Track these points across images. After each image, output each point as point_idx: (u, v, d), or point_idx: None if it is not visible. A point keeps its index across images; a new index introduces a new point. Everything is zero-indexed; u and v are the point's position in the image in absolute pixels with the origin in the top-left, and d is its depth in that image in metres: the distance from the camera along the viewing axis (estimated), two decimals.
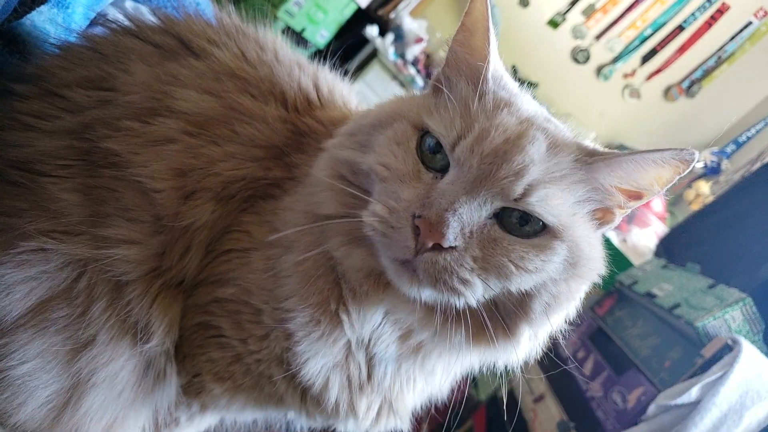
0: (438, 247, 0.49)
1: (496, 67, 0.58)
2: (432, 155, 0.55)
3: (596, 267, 0.58)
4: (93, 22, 0.73)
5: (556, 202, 0.52)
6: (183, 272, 0.63)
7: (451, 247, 0.50)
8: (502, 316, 0.56)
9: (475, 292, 0.52)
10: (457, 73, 0.59)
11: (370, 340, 0.61)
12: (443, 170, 0.54)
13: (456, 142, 0.53)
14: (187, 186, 0.61)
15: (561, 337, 0.62)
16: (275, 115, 0.67)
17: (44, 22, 0.66)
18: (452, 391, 0.73)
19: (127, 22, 0.69)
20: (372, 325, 0.60)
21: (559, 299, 0.56)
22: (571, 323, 0.63)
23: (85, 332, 0.57)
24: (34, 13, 0.63)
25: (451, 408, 0.73)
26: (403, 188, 0.53)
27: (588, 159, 0.55)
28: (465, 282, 0.51)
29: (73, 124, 0.61)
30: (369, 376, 0.64)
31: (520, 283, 0.52)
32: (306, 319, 0.59)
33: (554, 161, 0.53)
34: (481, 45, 0.57)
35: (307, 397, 0.64)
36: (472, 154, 0.51)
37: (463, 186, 0.51)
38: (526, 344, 0.60)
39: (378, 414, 0.66)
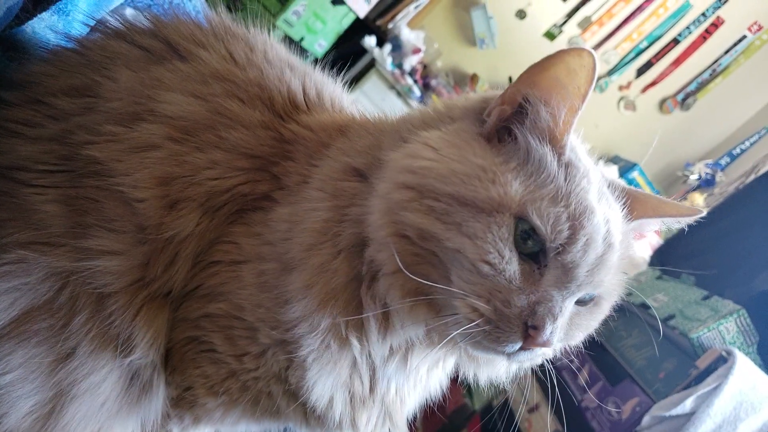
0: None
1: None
2: (523, 241, 0.52)
3: (616, 299, 0.63)
4: (92, 29, 0.73)
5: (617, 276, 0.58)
6: (169, 284, 0.60)
7: None
8: None
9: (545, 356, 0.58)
10: (536, 135, 0.55)
11: (377, 359, 0.61)
12: (534, 257, 0.53)
13: (563, 248, 0.52)
14: (170, 195, 0.59)
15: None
16: (259, 121, 0.64)
17: (44, 29, 0.66)
18: (447, 401, 0.73)
19: (117, 25, 0.68)
20: (386, 349, 0.60)
21: (586, 332, 0.61)
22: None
23: (65, 344, 0.56)
24: (35, 19, 0.62)
25: (447, 418, 0.73)
26: (512, 292, 0.51)
27: (630, 217, 0.59)
28: (545, 355, 0.57)
29: (56, 131, 0.60)
30: (371, 389, 0.63)
31: (577, 341, 0.59)
32: (317, 344, 0.57)
33: (625, 245, 0.57)
34: (570, 113, 0.53)
35: (309, 413, 0.63)
36: (579, 264, 0.52)
37: (567, 290, 0.53)
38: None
39: (375, 424, 0.66)
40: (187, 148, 0.60)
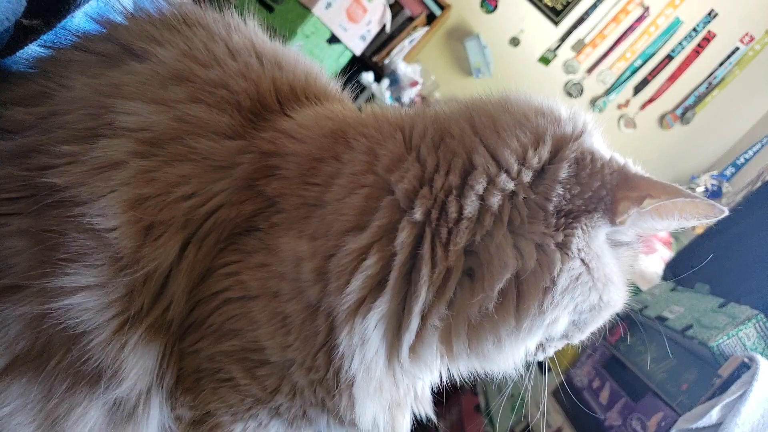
0: None
1: None
2: None
3: None
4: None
5: None
6: (166, 317, 0.56)
7: None
8: None
9: None
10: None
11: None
12: None
13: None
14: (143, 219, 0.53)
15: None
16: (228, 127, 0.58)
17: None
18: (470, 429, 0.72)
19: (71, 38, 0.64)
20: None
21: None
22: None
23: (44, 384, 0.54)
24: (26, 50, 0.62)
25: None
26: None
27: None
28: None
29: (14, 148, 0.55)
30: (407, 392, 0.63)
31: None
32: (371, 388, 0.56)
33: None
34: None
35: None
36: None
37: None
38: None
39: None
40: (155, 163, 0.55)
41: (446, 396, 0.70)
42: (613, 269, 0.54)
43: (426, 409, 0.66)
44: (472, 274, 0.52)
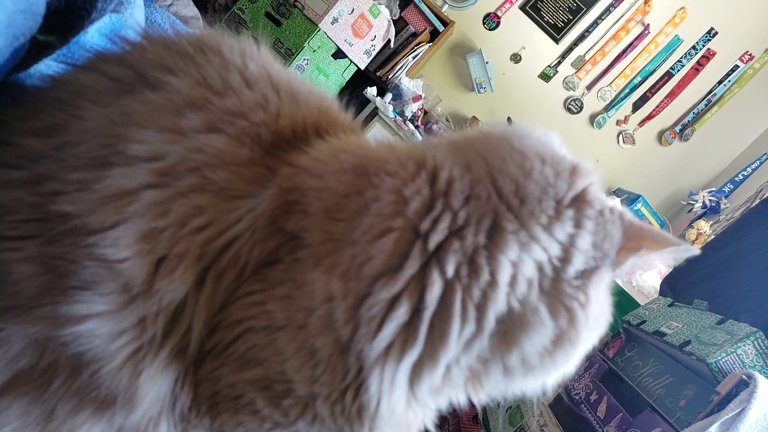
0: None
1: None
2: None
3: None
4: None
5: None
6: (182, 345, 0.55)
7: None
8: None
9: None
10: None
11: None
12: None
13: None
14: (156, 251, 0.52)
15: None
16: (249, 160, 0.57)
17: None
18: None
19: (86, 55, 0.63)
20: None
21: None
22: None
23: (46, 405, 0.54)
24: (41, 65, 0.62)
25: None
26: None
27: None
28: None
29: (27, 176, 0.54)
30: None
31: None
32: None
33: None
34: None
35: None
36: None
37: None
38: None
39: None
40: (169, 194, 0.53)
41: None
42: (607, 310, 0.58)
43: (429, 425, 0.67)
44: (506, 332, 0.53)
